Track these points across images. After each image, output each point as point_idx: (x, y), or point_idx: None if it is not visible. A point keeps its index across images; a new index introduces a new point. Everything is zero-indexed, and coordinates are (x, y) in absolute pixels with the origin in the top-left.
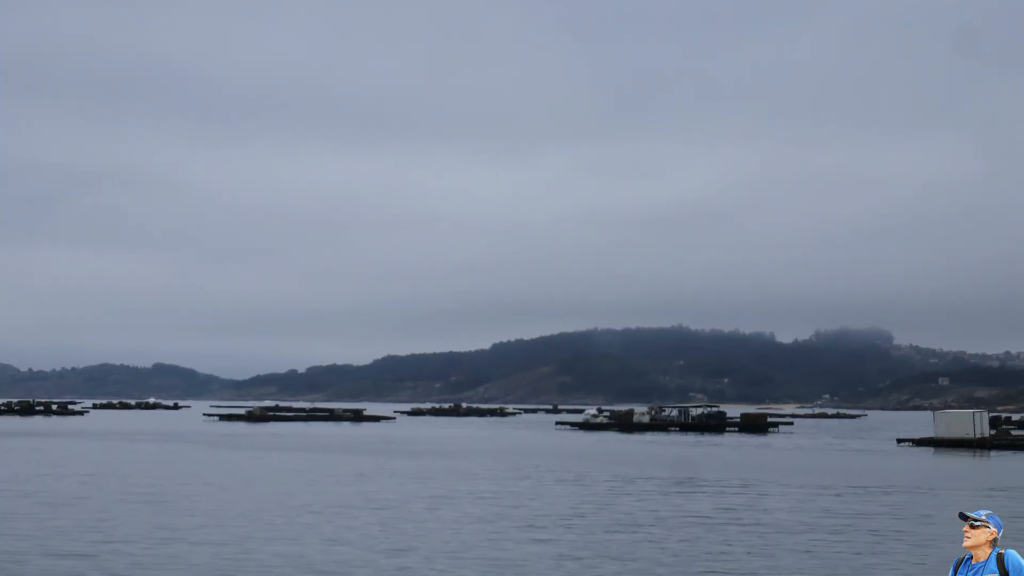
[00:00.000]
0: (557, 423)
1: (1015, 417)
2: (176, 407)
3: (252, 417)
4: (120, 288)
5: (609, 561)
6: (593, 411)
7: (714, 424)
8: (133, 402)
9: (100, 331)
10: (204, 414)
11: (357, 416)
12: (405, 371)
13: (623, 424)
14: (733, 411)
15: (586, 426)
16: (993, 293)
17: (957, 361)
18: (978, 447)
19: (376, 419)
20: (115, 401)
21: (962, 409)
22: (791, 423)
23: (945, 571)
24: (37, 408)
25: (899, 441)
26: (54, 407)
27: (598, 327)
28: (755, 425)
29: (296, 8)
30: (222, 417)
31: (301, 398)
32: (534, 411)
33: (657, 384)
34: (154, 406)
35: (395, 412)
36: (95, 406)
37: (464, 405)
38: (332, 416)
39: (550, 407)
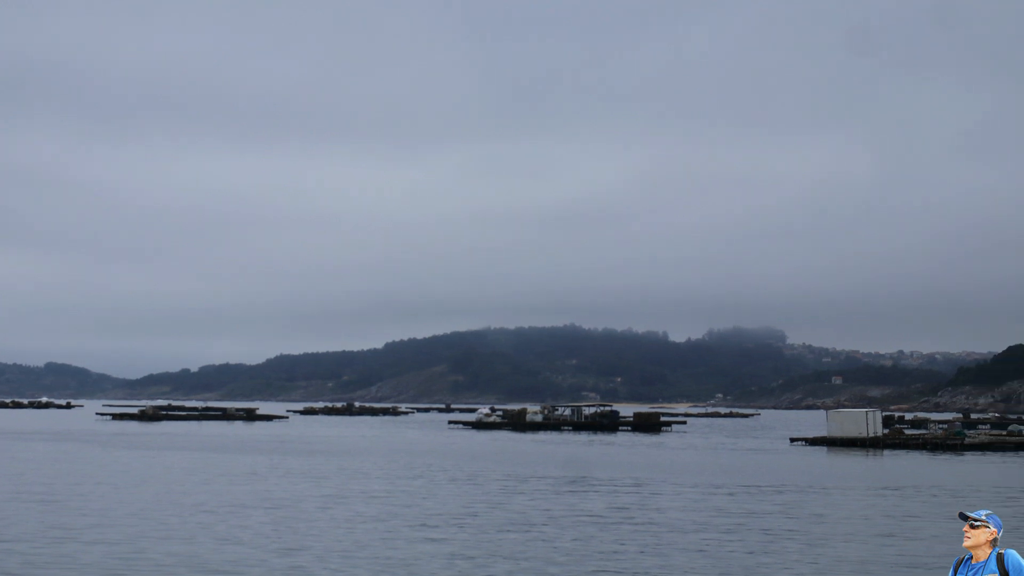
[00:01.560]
0: (450, 422)
1: (908, 416)
2: (69, 406)
3: (145, 416)
4: (12, 287)
5: (501, 560)
6: (486, 410)
7: (607, 423)
8: (26, 401)
9: None
10: (97, 413)
11: (250, 415)
12: (298, 370)
13: (516, 423)
14: (626, 410)
15: (479, 425)
16: (886, 293)
17: (850, 360)
18: (871, 446)
19: (269, 418)
20: (7, 400)
21: (855, 408)
22: (684, 422)
23: (829, 571)
24: None
25: (792, 440)
26: None
27: (491, 326)
28: (648, 424)
29: (192, 6)
30: (115, 416)
31: (194, 397)
32: (427, 410)
33: (550, 383)
34: (47, 405)
35: (288, 411)
36: None
37: (357, 404)
38: (225, 415)
39: (443, 406)
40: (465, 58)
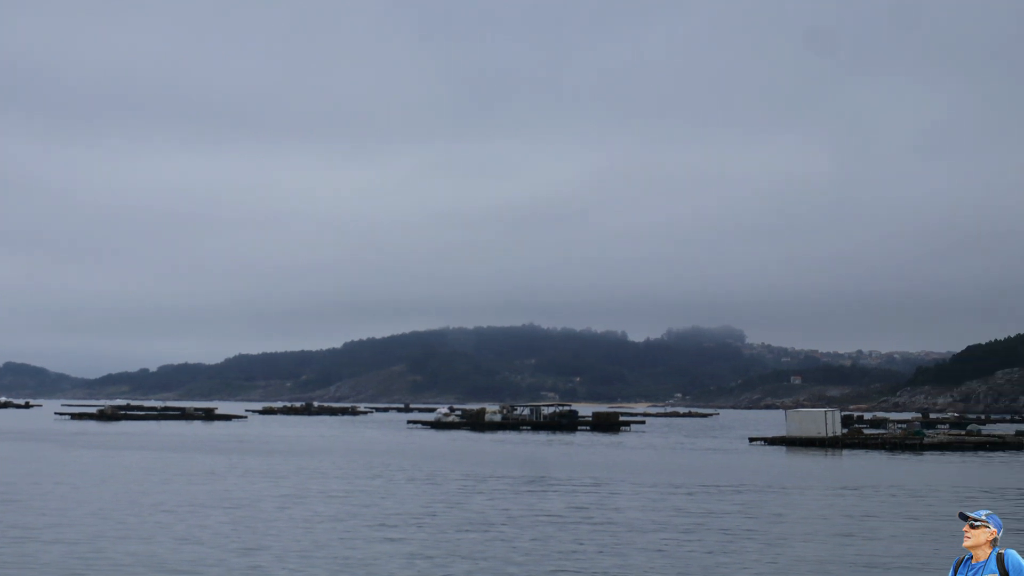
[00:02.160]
0: (409, 422)
1: (867, 416)
2: (27, 406)
3: (103, 416)
4: None
5: (460, 560)
6: (445, 410)
7: (566, 423)
8: None
9: None
10: (55, 413)
11: (209, 415)
12: (257, 370)
13: (475, 423)
14: (585, 410)
15: (438, 425)
16: (845, 292)
17: (809, 360)
18: (830, 446)
19: (228, 418)
20: None
21: (814, 408)
22: (643, 422)
23: (788, 571)
24: None
25: (751, 440)
26: None
27: (450, 326)
28: (607, 424)
29: (149, 6)
30: (73, 416)
31: (153, 397)
32: (386, 410)
33: (509, 383)
34: (5, 405)
35: (247, 411)
36: None
37: (316, 404)
38: (184, 415)
39: (402, 406)
40: (422, 58)
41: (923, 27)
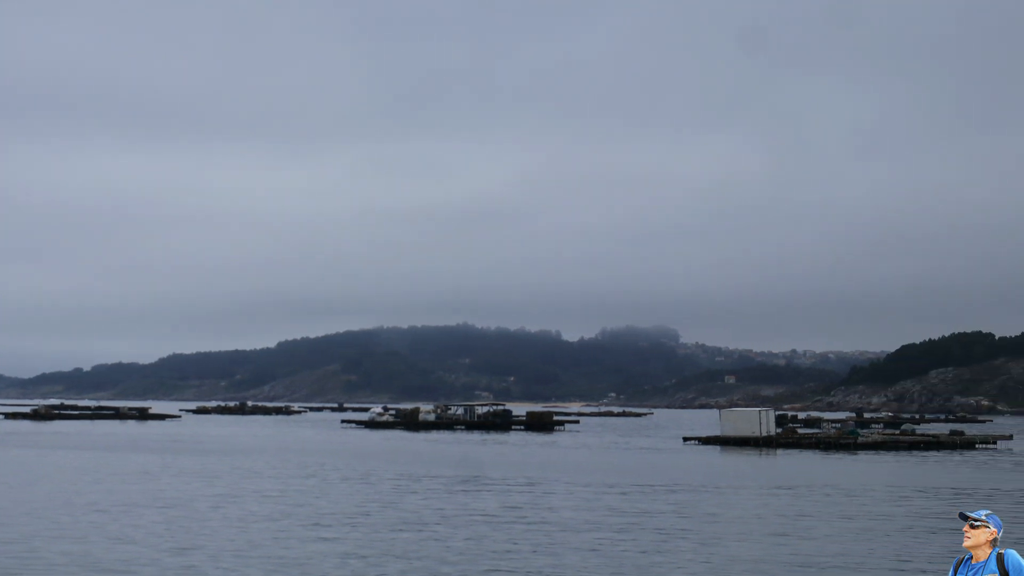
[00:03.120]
0: (343, 421)
1: (801, 416)
2: None
3: (37, 415)
4: None
5: (394, 559)
6: (379, 409)
7: (500, 422)
8: None
9: None
10: None
11: (143, 414)
12: (191, 369)
13: (409, 422)
14: (519, 409)
15: (372, 424)
16: (780, 292)
17: (743, 359)
18: (764, 445)
19: (161, 417)
20: None
21: (748, 407)
22: (577, 421)
23: (723, 570)
24: None
25: (685, 439)
26: None
27: (384, 325)
28: (541, 423)
29: (86, 6)
30: (7, 415)
31: (87, 396)
32: (320, 409)
33: (443, 382)
34: None
35: (181, 410)
36: None
37: (250, 404)
38: (118, 414)
39: (336, 405)
40: (357, 58)
41: (858, 27)
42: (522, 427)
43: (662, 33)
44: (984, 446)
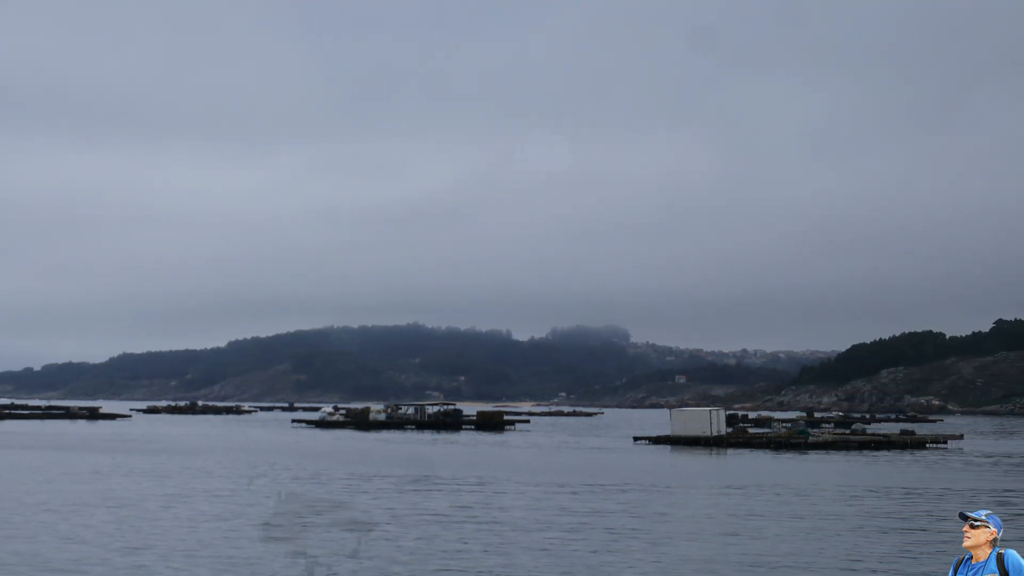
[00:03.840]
0: (293, 421)
1: (751, 415)
2: None
3: None
4: None
5: (344, 559)
6: (329, 409)
7: (450, 422)
8: None
9: None
10: None
11: (93, 414)
12: (141, 369)
13: (359, 422)
14: (469, 409)
15: (322, 424)
16: (729, 291)
17: (694, 359)
18: (715, 445)
19: (112, 417)
20: None
21: (699, 407)
22: (528, 421)
23: (674, 570)
24: None
25: (636, 439)
26: None
27: (334, 325)
28: (491, 423)
29: (30, 4)
30: None
31: (37, 396)
32: (270, 409)
33: (393, 382)
34: None
35: (131, 410)
36: None
37: (200, 403)
38: (68, 414)
39: (286, 405)
40: (304, 56)
41: (808, 26)
42: (473, 427)
43: (612, 33)
44: (935, 446)
